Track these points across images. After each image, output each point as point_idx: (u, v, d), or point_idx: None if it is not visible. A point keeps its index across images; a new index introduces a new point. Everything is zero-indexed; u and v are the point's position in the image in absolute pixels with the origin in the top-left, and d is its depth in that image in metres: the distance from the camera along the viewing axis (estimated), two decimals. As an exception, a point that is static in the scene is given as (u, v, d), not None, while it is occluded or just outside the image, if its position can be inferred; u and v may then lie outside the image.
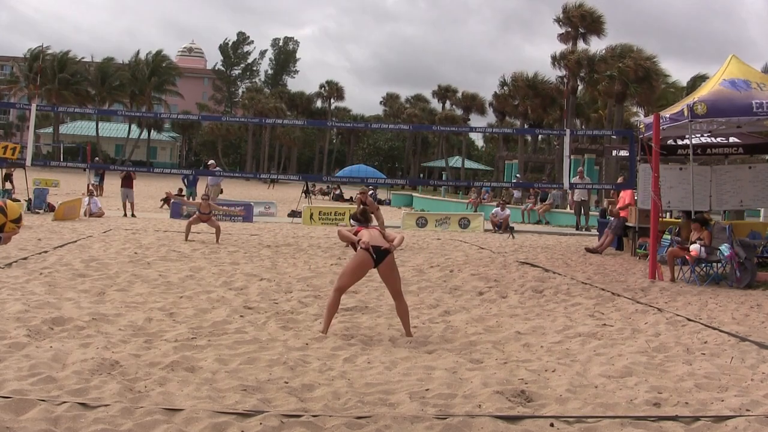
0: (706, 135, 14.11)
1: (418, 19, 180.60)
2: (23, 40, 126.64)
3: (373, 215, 12.62)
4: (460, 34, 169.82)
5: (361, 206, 7.39)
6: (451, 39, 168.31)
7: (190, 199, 23.13)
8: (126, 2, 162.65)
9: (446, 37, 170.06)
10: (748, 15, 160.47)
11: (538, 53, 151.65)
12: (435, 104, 73.22)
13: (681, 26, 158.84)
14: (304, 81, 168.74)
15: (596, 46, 59.81)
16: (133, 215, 20.21)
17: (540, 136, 56.04)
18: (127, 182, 20.64)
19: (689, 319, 7.55)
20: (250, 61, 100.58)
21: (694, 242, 10.76)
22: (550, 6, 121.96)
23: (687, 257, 10.75)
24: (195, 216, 14.83)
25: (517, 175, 39.63)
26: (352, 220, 7.23)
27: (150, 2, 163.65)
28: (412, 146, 76.42)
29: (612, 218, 15.53)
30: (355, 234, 6.56)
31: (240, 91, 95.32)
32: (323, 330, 6.35)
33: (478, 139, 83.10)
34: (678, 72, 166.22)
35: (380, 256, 6.32)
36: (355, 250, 6.46)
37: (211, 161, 29.65)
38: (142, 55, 70.72)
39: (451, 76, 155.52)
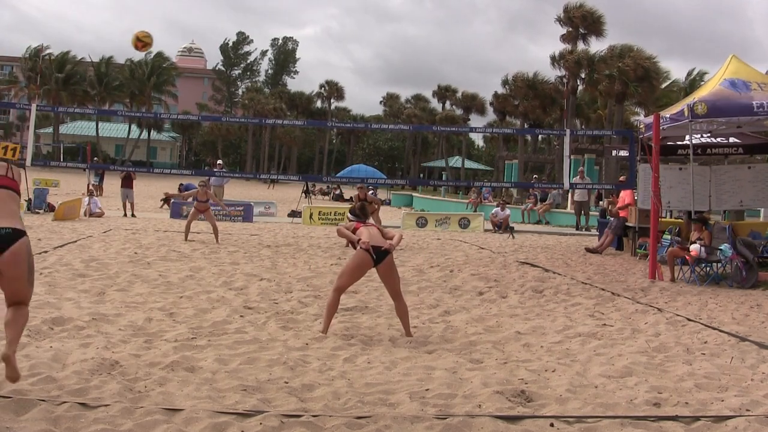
0: (706, 135, 14.12)
1: (423, 19, 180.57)
2: (26, 40, 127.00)
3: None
4: (465, 34, 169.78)
5: (360, 202, 7.35)
6: (455, 39, 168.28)
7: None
8: (128, 2, 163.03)
9: (451, 38, 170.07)
10: (755, 15, 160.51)
11: (543, 53, 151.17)
12: (435, 104, 73.34)
13: (686, 26, 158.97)
14: (307, 81, 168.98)
15: (597, 46, 59.80)
16: (133, 215, 20.22)
17: (540, 136, 56.04)
18: (127, 182, 20.67)
19: (689, 319, 7.55)
20: (250, 61, 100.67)
21: (694, 242, 10.76)
22: (555, 6, 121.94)
23: (687, 257, 10.76)
24: (192, 210, 14.71)
25: (535, 176, 39.12)
26: (349, 215, 7.17)
27: (152, 2, 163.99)
28: (412, 146, 76.41)
29: (612, 218, 15.53)
30: (354, 231, 6.53)
31: (240, 91, 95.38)
32: (323, 330, 6.35)
33: (478, 139, 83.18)
34: (682, 72, 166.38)
35: (380, 256, 6.30)
36: (355, 248, 6.46)
37: (219, 161, 29.71)
38: (142, 55, 70.78)
39: (454, 77, 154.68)
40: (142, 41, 8.54)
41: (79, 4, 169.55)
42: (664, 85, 40.36)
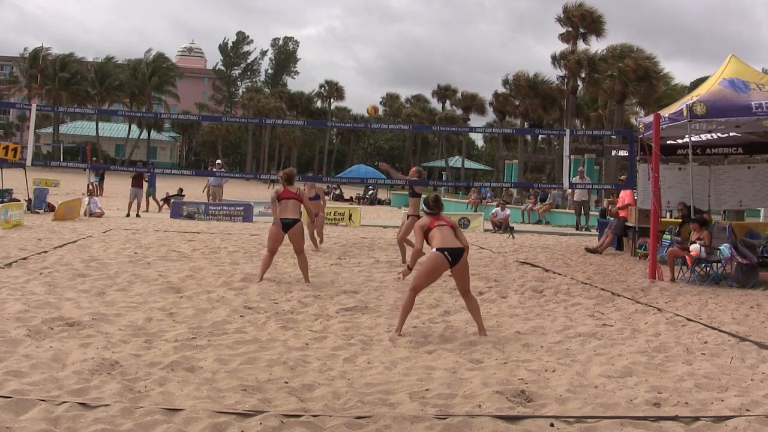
0: (705, 134, 14.12)
1: (428, 20, 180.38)
2: (30, 40, 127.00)
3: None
4: (471, 34, 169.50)
5: (434, 194, 6.97)
6: (461, 40, 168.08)
7: (150, 198, 22.74)
8: (133, 2, 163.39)
9: (457, 38, 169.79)
10: (763, 16, 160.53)
11: (549, 53, 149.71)
12: (435, 104, 73.34)
13: (695, 27, 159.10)
14: (311, 81, 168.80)
15: (597, 46, 59.87)
16: (138, 215, 20.28)
17: (540, 136, 56.03)
18: (137, 182, 20.76)
19: (689, 319, 7.55)
20: (250, 61, 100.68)
21: (694, 242, 10.76)
22: (562, 6, 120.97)
23: (687, 257, 10.76)
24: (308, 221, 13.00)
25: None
26: (424, 207, 6.77)
27: (158, 2, 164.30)
28: (412, 146, 76.41)
29: (612, 218, 15.53)
30: (428, 230, 6.45)
31: (240, 91, 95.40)
32: (397, 330, 6.34)
33: (478, 139, 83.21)
34: (689, 72, 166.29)
35: (455, 258, 6.31)
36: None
37: (219, 161, 29.75)
38: (143, 55, 70.89)
39: (460, 77, 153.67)
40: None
41: (84, 4, 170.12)
42: (665, 87, 40.36)
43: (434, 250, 6.36)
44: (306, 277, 9.29)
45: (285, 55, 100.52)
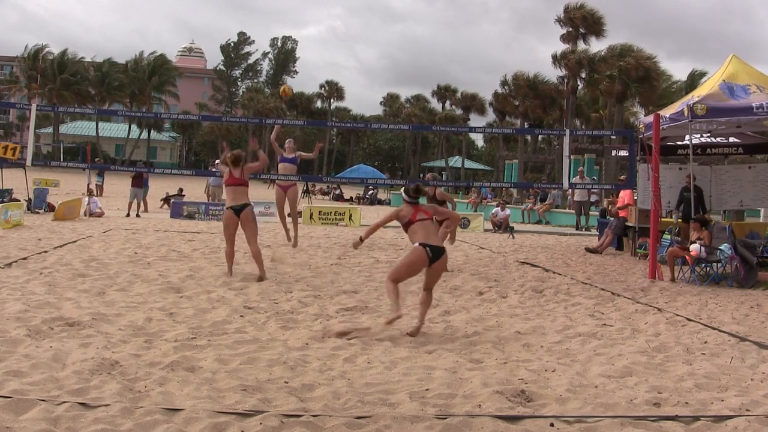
0: (705, 135, 14.13)
1: (431, 20, 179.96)
2: (32, 40, 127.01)
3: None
4: (474, 35, 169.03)
5: (415, 185, 6.58)
6: (464, 40, 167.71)
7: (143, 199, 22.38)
8: (134, 2, 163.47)
9: (459, 38, 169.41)
10: (765, 16, 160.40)
11: (551, 54, 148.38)
12: (435, 104, 73.32)
13: (698, 27, 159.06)
14: (313, 81, 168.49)
15: (597, 46, 59.84)
16: (138, 215, 20.28)
17: (540, 136, 56.02)
18: (137, 182, 20.75)
19: (689, 319, 7.55)
20: (251, 61, 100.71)
21: (694, 242, 10.77)
22: (563, 6, 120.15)
23: (687, 257, 10.76)
24: (277, 197, 12.51)
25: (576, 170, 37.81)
26: (404, 195, 6.58)
27: (159, 2, 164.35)
28: (412, 146, 76.37)
29: (612, 218, 15.54)
30: (409, 222, 6.37)
31: (240, 91, 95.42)
32: (397, 312, 6.26)
33: (478, 139, 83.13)
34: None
35: (436, 256, 6.31)
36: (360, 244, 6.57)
37: (218, 161, 29.72)
38: (143, 56, 70.83)
39: (463, 77, 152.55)
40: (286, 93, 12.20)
41: (85, 4, 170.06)
42: (665, 85, 40.40)
43: (417, 244, 6.33)
44: (261, 271, 9.21)
45: (284, 55, 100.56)
